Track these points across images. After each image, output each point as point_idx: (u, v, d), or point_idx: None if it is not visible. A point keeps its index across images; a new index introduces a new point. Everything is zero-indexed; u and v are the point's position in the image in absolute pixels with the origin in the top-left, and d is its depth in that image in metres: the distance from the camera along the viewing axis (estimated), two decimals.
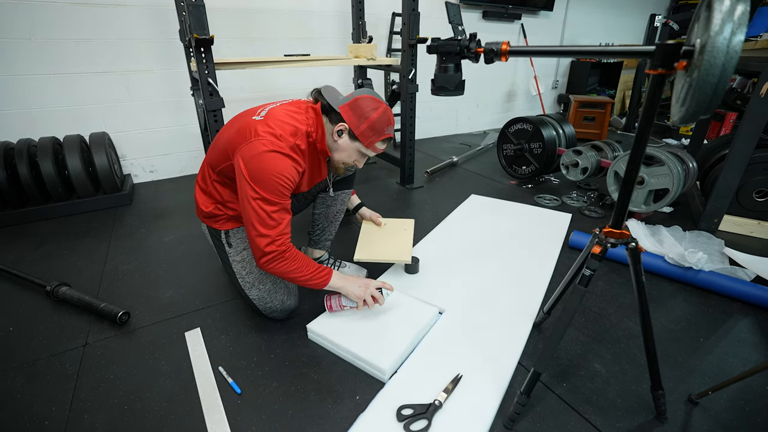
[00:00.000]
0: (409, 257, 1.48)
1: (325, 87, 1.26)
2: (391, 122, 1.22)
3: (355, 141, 1.21)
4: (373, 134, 1.19)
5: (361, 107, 1.17)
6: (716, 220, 1.99)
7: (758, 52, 1.96)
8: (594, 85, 4.98)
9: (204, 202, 1.31)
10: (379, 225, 1.68)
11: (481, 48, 0.89)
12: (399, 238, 1.59)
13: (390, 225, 1.68)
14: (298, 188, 1.28)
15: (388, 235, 1.62)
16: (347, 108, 1.18)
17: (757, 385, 1.11)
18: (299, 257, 1.18)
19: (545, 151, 2.55)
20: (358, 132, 1.18)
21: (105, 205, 2.32)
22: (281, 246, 1.13)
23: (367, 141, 1.19)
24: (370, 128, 1.17)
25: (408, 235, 1.60)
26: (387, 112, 1.20)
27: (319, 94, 1.24)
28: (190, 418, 1.02)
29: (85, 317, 1.40)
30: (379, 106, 1.19)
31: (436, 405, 1.01)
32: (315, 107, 1.23)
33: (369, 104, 1.18)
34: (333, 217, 1.54)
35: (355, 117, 1.17)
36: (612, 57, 1.02)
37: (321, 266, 1.23)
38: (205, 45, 1.67)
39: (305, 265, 1.19)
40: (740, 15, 0.59)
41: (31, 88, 2.24)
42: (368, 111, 1.17)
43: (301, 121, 1.19)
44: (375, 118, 1.17)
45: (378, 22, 3.32)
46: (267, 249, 1.12)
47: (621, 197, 0.87)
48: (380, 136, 1.20)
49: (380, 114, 1.18)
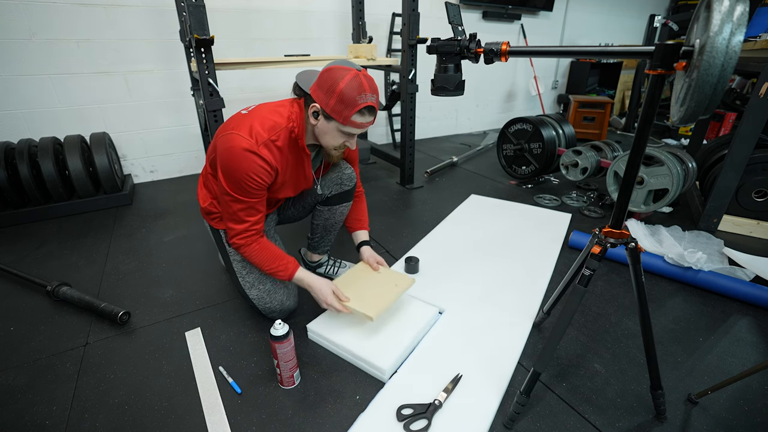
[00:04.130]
0: (373, 313, 1.17)
1: (301, 72, 1.16)
2: (365, 88, 1.04)
3: (330, 120, 1.09)
4: (344, 108, 1.04)
5: (327, 80, 1.04)
6: (715, 220, 1.99)
7: (757, 52, 1.96)
8: (594, 86, 4.98)
9: (203, 196, 1.32)
10: (376, 270, 1.41)
11: (480, 48, 0.89)
12: (382, 291, 1.29)
13: (385, 275, 1.39)
14: (282, 191, 1.26)
15: (375, 283, 1.34)
16: (315, 86, 1.07)
17: (757, 384, 1.11)
18: (264, 250, 1.21)
19: (545, 151, 2.55)
20: (329, 110, 1.05)
21: (105, 205, 2.32)
22: (244, 240, 1.18)
23: (340, 117, 1.06)
24: (339, 101, 1.03)
25: (395, 291, 1.29)
26: (357, 78, 1.03)
27: (296, 85, 1.15)
28: (190, 417, 1.02)
29: (86, 317, 1.40)
30: (347, 73, 1.03)
31: (435, 405, 1.01)
32: (299, 101, 1.15)
33: (335, 74, 1.03)
34: (331, 227, 1.52)
35: (323, 93, 1.05)
36: (612, 57, 1.02)
37: (285, 262, 1.23)
38: (206, 45, 1.67)
39: (270, 259, 1.21)
40: (739, 15, 0.59)
41: (32, 88, 2.25)
42: (334, 82, 1.02)
43: (283, 115, 1.13)
44: (342, 89, 1.02)
45: (378, 22, 3.32)
46: (233, 240, 1.20)
47: (620, 197, 0.87)
48: (354, 108, 1.04)
49: (348, 82, 1.02)
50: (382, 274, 1.39)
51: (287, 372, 1.08)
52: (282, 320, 1.05)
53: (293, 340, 1.07)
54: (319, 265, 1.61)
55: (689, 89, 0.65)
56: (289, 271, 1.23)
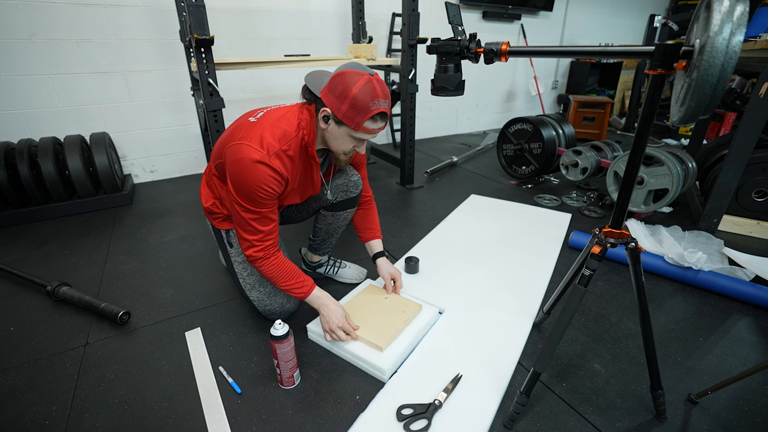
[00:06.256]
0: (383, 343, 1.17)
1: (310, 73, 1.11)
2: (378, 93, 1.01)
3: (341, 126, 1.06)
4: (356, 114, 1.01)
5: (339, 85, 1.01)
6: (715, 220, 1.99)
7: (757, 52, 1.96)
8: (593, 86, 4.98)
9: (206, 195, 1.31)
10: (389, 292, 1.40)
11: (480, 48, 0.89)
12: (389, 318, 1.28)
13: (393, 300, 1.37)
14: (289, 198, 1.24)
15: (381, 309, 1.32)
16: (326, 90, 1.04)
17: (757, 384, 1.11)
18: (281, 266, 1.17)
19: (545, 151, 2.55)
20: (340, 115, 1.02)
21: (105, 205, 2.32)
22: (260, 252, 1.14)
23: (352, 123, 1.03)
24: (351, 107, 1.00)
25: (403, 319, 1.28)
26: (370, 83, 1.00)
27: (305, 88, 1.11)
28: (190, 417, 1.02)
29: (86, 317, 1.40)
30: (360, 78, 1.00)
31: (435, 405, 1.01)
32: (309, 107, 1.13)
33: (347, 79, 1.00)
34: (334, 231, 1.51)
35: (334, 98, 1.02)
36: (612, 57, 1.02)
37: (302, 280, 1.20)
38: (206, 45, 1.67)
39: (287, 275, 1.18)
40: (739, 15, 0.59)
41: (32, 88, 2.25)
42: (347, 87, 0.99)
43: (293, 123, 1.10)
44: (355, 94, 0.99)
45: (378, 22, 3.32)
46: (248, 252, 1.15)
47: (620, 197, 0.87)
48: (366, 114, 1.01)
49: (360, 87, 0.99)
50: (390, 299, 1.37)
51: (287, 372, 1.08)
52: (282, 320, 1.05)
53: (293, 340, 1.07)
54: (319, 265, 1.61)
55: (689, 89, 0.65)
56: (305, 289, 1.20)
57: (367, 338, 1.19)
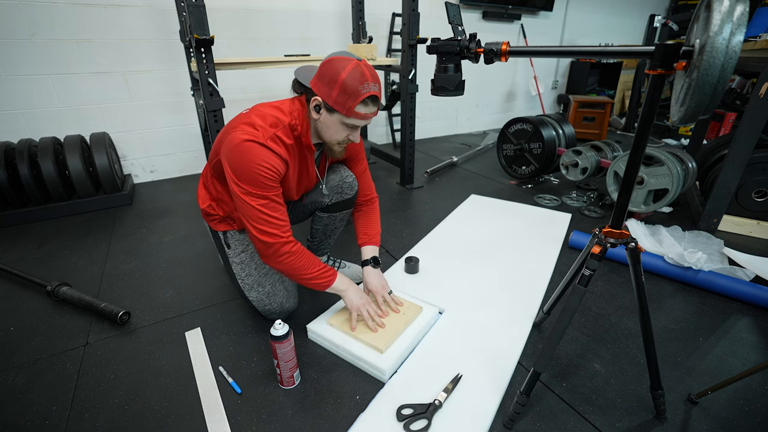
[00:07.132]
0: (383, 345, 1.16)
1: (300, 68, 1.13)
2: (367, 77, 1.01)
3: (333, 113, 1.06)
4: (347, 98, 1.01)
5: (327, 72, 1.02)
6: (715, 220, 1.99)
7: (757, 52, 1.96)
8: (593, 86, 4.98)
9: (203, 197, 1.31)
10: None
11: (480, 48, 0.89)
12: (389, 320, 1.27)
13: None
14: (287, 192, 1.22)
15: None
16: (315, 79, 1.05)
17: (757, 384, 1.11)
18: (304, 254, 1.14)
19: (545, 151, 2.55)
20: (331, 101, 1.03)
21: (105, 205, 2.32)
22: (280, 238, 1.09)
23: (344, 108, 1.03)
24: (342, 92, 1.01)
25: (403, 320, 1.26)
26: (358, 68, 1.01)
27: (296, 81, 1.12)
28: (190, 417, 1.02)
29: (86, 317, 1.40)
30: (348, 63, 1.01)
31: (435, 405, 1.01)
32: (300, 98, 1.13)
33: (336, 65, 1.01)
34: (331, 232, 1.51)
35: (324, 85, 1.03)
36: (612, 57, 1.02)
37: (326, 267, 1.20)
38: (206, 45, 1.67)
39: (310, 263, 1.15)
40: (739, 15, 0.59)
41: (32, 88, 2.25)
42: (335, 73, 1.00)
43: (285, 112, 1.11)
44: (344, 79, 0.99)
45: (378, 22, 3.32)
46: (268, 241, 1.09)
47: (620, 197, 0.87)
48: (357, 98, 1.01)
49: (349, 72, 1.00)
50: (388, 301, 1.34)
51: (287, 372, 1.08)
52: (282, 320, 1.05)
53: (293, 340, 1.07)
54: None
55: (689, 89, 0.65)
56: (331, 274, 1.19)
57: (367, 341, 1.19)
